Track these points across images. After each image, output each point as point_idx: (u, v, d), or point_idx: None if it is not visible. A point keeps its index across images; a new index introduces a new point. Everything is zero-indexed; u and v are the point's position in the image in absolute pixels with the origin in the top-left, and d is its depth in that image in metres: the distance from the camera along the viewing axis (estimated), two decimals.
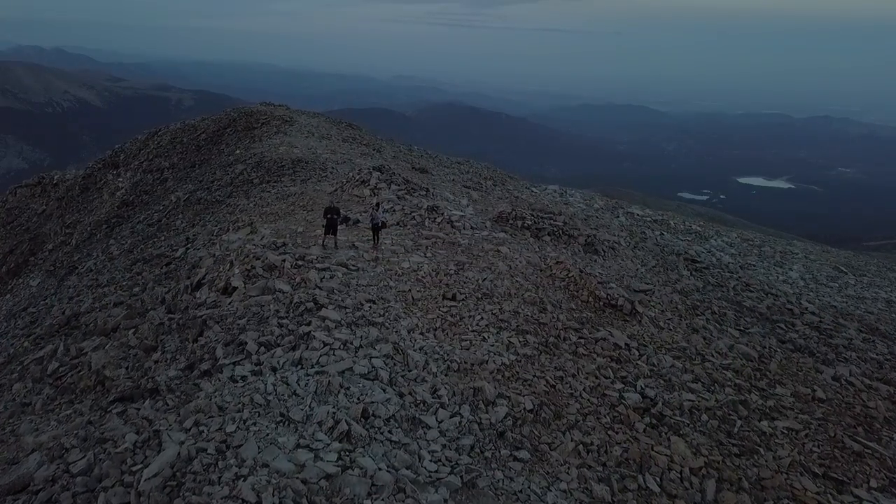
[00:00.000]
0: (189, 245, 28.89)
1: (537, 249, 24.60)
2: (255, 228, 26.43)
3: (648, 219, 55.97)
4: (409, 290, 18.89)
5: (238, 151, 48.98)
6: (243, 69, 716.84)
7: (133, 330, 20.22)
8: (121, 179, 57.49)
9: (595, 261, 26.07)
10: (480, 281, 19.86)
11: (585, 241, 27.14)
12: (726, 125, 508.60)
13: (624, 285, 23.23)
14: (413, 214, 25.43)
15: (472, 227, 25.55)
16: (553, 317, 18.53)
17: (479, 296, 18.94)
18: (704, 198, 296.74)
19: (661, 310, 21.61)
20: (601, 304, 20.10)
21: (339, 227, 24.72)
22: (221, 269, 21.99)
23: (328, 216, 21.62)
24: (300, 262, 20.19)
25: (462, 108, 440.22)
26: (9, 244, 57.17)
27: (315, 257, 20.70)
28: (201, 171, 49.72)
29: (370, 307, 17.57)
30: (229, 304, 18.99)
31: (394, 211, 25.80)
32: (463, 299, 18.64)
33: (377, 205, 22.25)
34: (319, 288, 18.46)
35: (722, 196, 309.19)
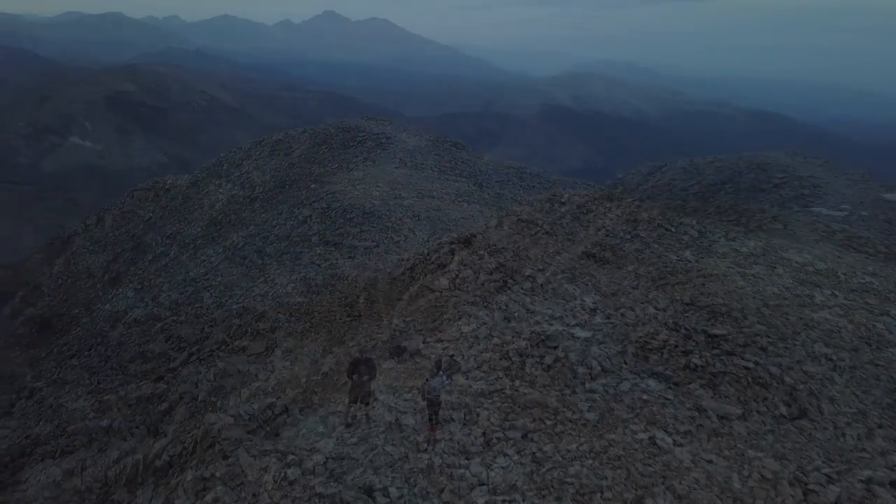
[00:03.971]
0: (194, 384, 20.27)
1: (724, 430, 14.32)
2: (271, 358, 17.74)
3: (811, 269, 44.33)
4: None
5: (313, 185, 41.95)
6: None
7: None
8: (221, 191, 53.91)
9: (811, 437, 15.47)
10: None
11: (788, 394, 16.55)
12: (866, 134, 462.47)
13: None
14: (506, 348, 15.69)
15: (602, 370, 15.63)
16: None
17: None
18: (843, 213, 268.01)
19: None
20: None
21: (391, 359, 15.77)
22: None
23: (355, 375, 12.51)
24: (292, 470, 11.13)
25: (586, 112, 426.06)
26: (114, 251, 54.97)
27: (325, 459, 11.57)
28: (282, 197, 44.21)
29: None
30: None
31: (477, 339, 16.15)
32: None
33: (437, 363, 12.79)
34: None
35: (863, 213, 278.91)
